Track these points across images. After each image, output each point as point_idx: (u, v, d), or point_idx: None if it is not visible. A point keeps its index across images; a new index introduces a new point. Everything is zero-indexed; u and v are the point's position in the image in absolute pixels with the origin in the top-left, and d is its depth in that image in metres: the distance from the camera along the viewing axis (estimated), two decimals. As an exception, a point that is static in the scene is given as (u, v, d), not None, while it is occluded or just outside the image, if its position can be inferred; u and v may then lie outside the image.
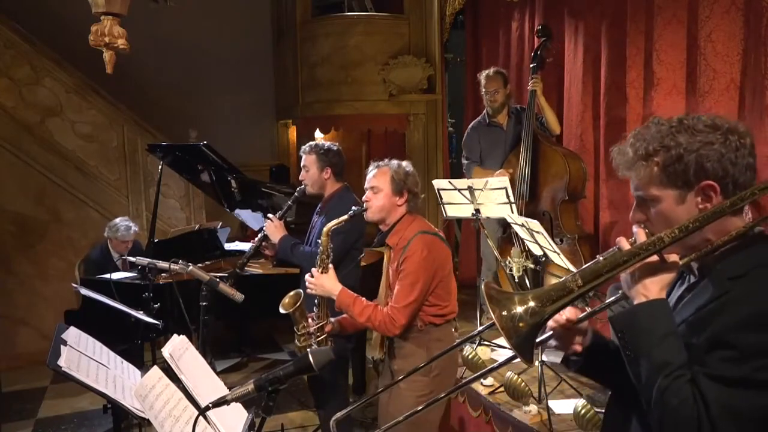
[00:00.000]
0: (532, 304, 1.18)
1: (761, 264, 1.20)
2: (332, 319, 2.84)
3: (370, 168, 2.76)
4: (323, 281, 2.69)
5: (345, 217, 2.70)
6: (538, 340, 1.27)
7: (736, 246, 1.23)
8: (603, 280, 1.21)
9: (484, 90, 4.48)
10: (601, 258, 1.25)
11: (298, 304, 2.76)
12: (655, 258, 1.21)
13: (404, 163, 2.73)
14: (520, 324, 1.17)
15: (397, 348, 2.73)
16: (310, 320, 2.82)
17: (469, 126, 4.68)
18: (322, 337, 2.80)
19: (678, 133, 1.23)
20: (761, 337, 1.10)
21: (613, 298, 1.37)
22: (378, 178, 2.69)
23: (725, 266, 1.22)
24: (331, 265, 2.72)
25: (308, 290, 2.73)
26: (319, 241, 2.76)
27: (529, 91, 4.34)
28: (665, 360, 1.16)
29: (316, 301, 2.80)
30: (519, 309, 1.18)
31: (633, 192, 1.32)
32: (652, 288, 1.22)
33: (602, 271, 1.20)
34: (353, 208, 2.74)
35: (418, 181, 2.74)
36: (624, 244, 1.24)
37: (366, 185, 2.74)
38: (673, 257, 1.23)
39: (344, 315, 2.81)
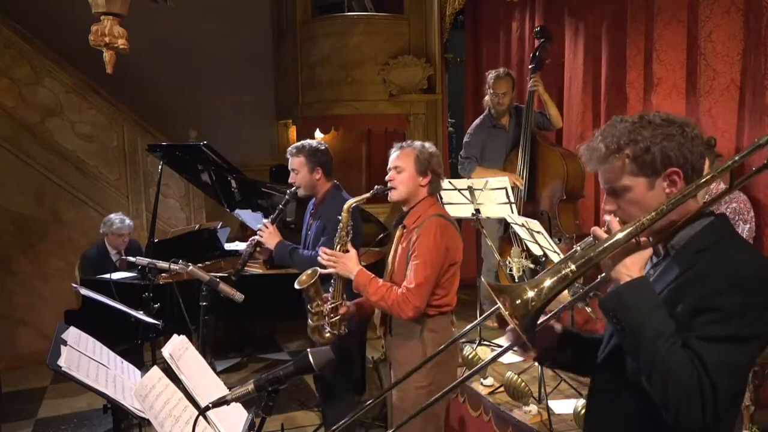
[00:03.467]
0: (547, 283, 1.30)
1: (719, 238, 1.36)
2: (348, 303, 2.79)
3: (393, 149, 2.72)
4: (345, 260, 2.64)
5: (367, 195, 2.71)
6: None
7: (687, 222, 1.38)
8: (595, 262, 1.34)
9: (491, 90, 4.38)
10: (578, 248, 1.39)
11: (314, 280, 2.72)
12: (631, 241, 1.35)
13: (428, 144, 2.71)
14: (533, 303, 1.29)
15: (394, 334, 2.72)
16: (325, 300, 2.79)
17: (473, 125, 4.62)
18: (336, 318, 2.76)
19: (642, 128, 1.37)
20: (739, 298, 1.25)
21: (590, 285, 1.50)
22: (402, 158, 2.66)
23: (689, 243, 1.37)
24: (350, 246, 2.69)
25: (324, 262, 2.67)
26: (335, 233, 2.73)
27: (528, 92, 4.33)
28: (658, 330, 1.27)
29: (332, 281, 2.76)
30: (531, 293, 1.30)
31: (603, 185, 1.45)
32: (633, 268, 1.33)
33: (594, 257, 1.32)
34: (376, 187, 2.72)
35: (441, 162, 2.73)
36: (600, 233, 1.37)
37: (389, 165, 2.70)
38: (643, 238, 1.36)
39: (361, 297, 2.76)
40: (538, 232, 3.13)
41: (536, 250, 3.30)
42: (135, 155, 6.22)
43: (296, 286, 2.75)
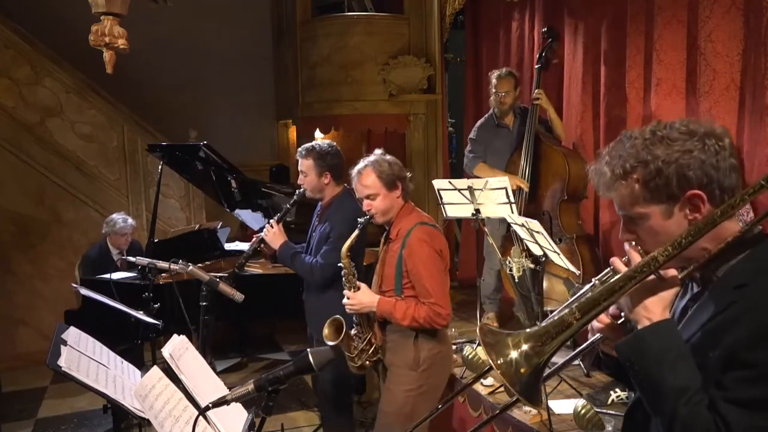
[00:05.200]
0: (525, 347, 1.14)
1: (762, 270, 1.13)
2: (375, 330, 2.82)
3: (353, 175, 2.73)
4: (360, 298, 2.68)
5: (356, 233, 2.70)
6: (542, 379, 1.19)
7: (735, 250, 1.16)
8: (601, 309, 1.16)
9: (494, 90, 4.40)
10: (597, 281, 1.22)
11: (344, 334, 2.70)
12: (652, 276, 1.15)
13: (378, 152, 2.72)
14: (521, 370, 1.12)
15: (387, 338, 2.75)
16: (356, 340, 2.79)
17: (477, 124, 4.62)
18: (372, 349, 2.77)
19: (653, 146, 1.17)
20: None
21: (577, 350, 1.35)
22: (367, 182, 2.67)
23: (729, 274, 1.16)
24: (360, 283, 2.72)
25: (349, 312, 2.72)
26: (341, 247, 2.74)
27: (531, 103, 4.34)
28: (680, 386, 1.09)
29: (355, 318, 2.78)
30: (514, 354, 1.13)
31: (618, 211, 1.26)
32: (655, 309, 1.15)
33: (600, 300, 1.15)
34: (359, 220, 2.73)
35: (402, 165, 2.75)
36: (618, 265, 1.19)
37: (358, 195, 2.73)
38: (671, 272, 1.17)
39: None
40: (537, 232, 3.13)
41: (536, 250, 3.30)
42: (135, 155, 6.22)
43: (328, 343, 2.70)
